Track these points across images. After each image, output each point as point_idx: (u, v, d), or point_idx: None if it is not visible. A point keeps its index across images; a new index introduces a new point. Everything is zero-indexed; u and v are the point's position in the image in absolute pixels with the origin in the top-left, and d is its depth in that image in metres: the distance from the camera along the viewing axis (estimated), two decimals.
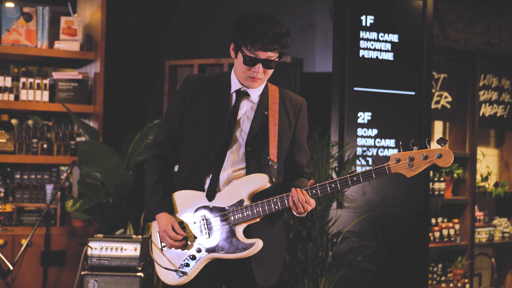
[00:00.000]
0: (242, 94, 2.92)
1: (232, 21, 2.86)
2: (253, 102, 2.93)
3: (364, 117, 5.27)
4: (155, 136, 3.03)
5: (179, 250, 2.88)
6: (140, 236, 4.83)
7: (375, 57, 5.34)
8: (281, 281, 4.59)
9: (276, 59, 2.84)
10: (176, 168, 3.08)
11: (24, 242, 4.96)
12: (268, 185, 2.82)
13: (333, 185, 2.76)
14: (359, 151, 5.18)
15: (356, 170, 5.08)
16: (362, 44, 5.29)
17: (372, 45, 5.32)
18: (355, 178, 2.73)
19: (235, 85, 2.93)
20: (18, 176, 5.40)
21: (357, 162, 5.12)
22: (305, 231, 4.69)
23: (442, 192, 6.44)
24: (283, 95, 2.98)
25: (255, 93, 2.93)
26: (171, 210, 2.91)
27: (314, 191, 2.76)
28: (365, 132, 5.26)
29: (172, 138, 2.97)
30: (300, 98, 3.03)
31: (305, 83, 5.19)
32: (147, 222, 2.90)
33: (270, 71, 2.88)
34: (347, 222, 4.99)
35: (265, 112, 2.90)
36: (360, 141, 5.24)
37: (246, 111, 2.92)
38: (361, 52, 5.30)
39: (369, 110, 5.28)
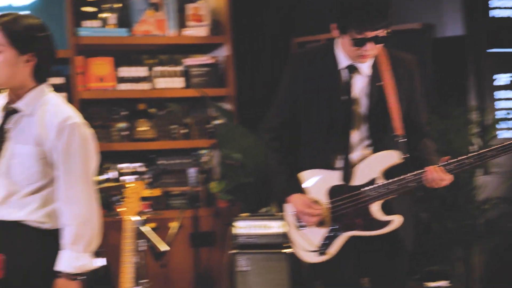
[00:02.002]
0: (353, 69, 2.87)
1: None
2: (365, 75, 2.88)
3: (502, 79, 5.11)
4: (269, 121, 3.07)
5: (317, 228, 2.93)
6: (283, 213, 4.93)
7: (506, 16, 5.16)
8: (430, 251, 4.60)
9: (386, 33, 2.76)
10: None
11: (173, 225, 5.18)
12: (400, 162, 2.82)
13: (468, 161, 2.73)
14: (499, 114, 5.04)
15: (496, 135, 4.96)
16: (493, 3, 5.12)
17: (503, 3, 5.14)
18: (492, 153, 2.69)
19: (343, 61, 2.88)
20: (161, 162, 5.62)
21: (498, 126, 4.99)
22: (451, 198, 4.64)
23: None
24: (393, 58, 2.91)
25: (365, 66, 2.88)
26: (300, 189, 2.95)
27: (449, 167, 2.74)
28: (505, 94, 5.11)
29: (285, 122, 3.01)
30: (408, 56, 2.96)
31: (437, 49, 5.09)
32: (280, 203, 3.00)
33: (381, 45, 2.81)
34: (494, 188, 4.89)
35: (380, 83, 2.85)
36: (499, 104, 5.10)
37: (360, 86, 2.88)
38: (493, 12, 5.13)
39: (508, 71, 5.12)
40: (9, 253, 2.59)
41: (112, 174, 5.42)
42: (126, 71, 5.51)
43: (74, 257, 2.59)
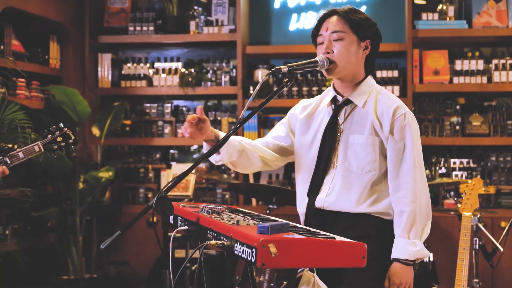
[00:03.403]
0: None
1: None
2: None
3: None
4: None
5: None
6: None
7: None
8: None
9: None
10: None
11: (504, 225, 4.96)
12: None
13: None
14: None
15: None
16: None
17: None
18: None
19: None
20: (493, 158, 5.42)
21: None
22: None
23: None
24: None
25: None
26: None
27: None
28: None
29: None
30: None
31: None
32: None
33: None
34: None
35: None
36: None
37: None
38: None
39: None
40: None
41: (443, 169, 5.37)
42: (461, 64, 5.40)
43: (409, 243, 2.63)
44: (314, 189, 2.77)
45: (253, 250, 1.97)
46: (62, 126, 3.42)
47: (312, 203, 2.76)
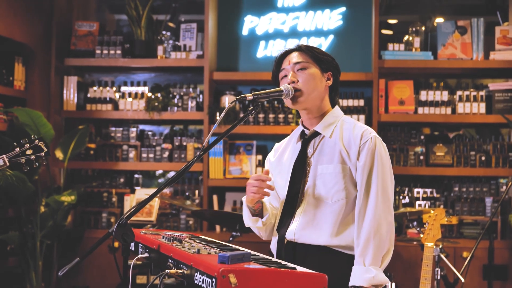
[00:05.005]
0: None
1: None
2: None
3: None
4: None
5: None
6: None
7: None
8: None
9: None
10: None
11: (466, 255, 4.99)
12: None
13: None
14: None
15: None
16: None
17: None
18: None
19: None
20: (456, 188, 5.47)
21: None
22: None
23: None
24: None
25: None
26: None
27: None
28: None
29: None
30: None
31: None
32: None
33: None
34: None
35: None
36: None
37: None
38: None
39: None
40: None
41: (406, 198, 5.40)
42: (426, 95, 5.46)
43: (364, 270, 2.57)
44: (285, 223, 2.75)
45: (213, 279, 1.94)
46: (35, 137, 3.36)
47: (282, 237, 2.73)
